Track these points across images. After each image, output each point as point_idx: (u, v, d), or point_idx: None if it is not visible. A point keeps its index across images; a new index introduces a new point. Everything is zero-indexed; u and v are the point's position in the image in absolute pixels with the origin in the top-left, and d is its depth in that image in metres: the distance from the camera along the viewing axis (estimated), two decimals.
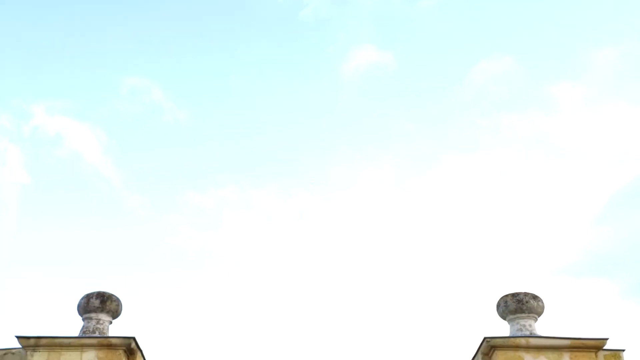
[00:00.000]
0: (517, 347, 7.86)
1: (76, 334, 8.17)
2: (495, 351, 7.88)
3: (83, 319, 8.49)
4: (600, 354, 8.08)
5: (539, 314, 8.47)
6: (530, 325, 8.33)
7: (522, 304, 8.38)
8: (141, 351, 8.17)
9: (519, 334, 8.15)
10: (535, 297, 8.45)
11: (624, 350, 8.18)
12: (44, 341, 7.82)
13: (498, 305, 8.59)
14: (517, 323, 8.36)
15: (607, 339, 7.87)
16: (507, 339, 7.92)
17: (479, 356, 8.17)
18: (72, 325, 8.48)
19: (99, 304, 8.43)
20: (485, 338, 7.97)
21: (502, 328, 8.53)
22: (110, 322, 8.56)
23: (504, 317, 8.57)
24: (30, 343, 7.83)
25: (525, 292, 8.46)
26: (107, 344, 7.88)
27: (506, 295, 8.52)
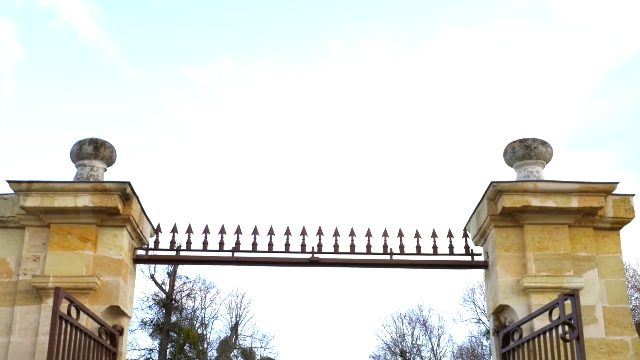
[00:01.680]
0: (525, 192, 7.62)
1: (70, 180, 7.93)
2: (502, 196, 7.66)
3: (77, 166, 8.25)
4: (610, 198, 7.88)
5: (547, 161, 8.21)
6: (537, 172, 8.09)
7: (530, 149, 8.10)
8: (137, 197, 7.95)
9: (527, 179, 7.91)
10: (543, 143, 8.16)
11: (633, 195, 7.99)
12: (36, 185, 7.58)
13: (505, 152, 8.32)
14: (525, 169, 8.12)
15: (617, 182, 7.63)
16: (514, 183, 7.67)
17: (485, 201, 7.95)
18: (66, 173, 8.24)
19: (92, 151, 8.17)
20: (491, 182, 7.72)
21: (509, 176, 8.28)
22: (105, 170, 8.33)
23: (510, 164, 8.32)
24: (22, 188, 7.59)
25: (533, 138, 8.17)
26: (101, 188, 7.63)
27: (514, 142, 8.23)
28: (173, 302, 37.28)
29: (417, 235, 8.43)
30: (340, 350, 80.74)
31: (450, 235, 8.45)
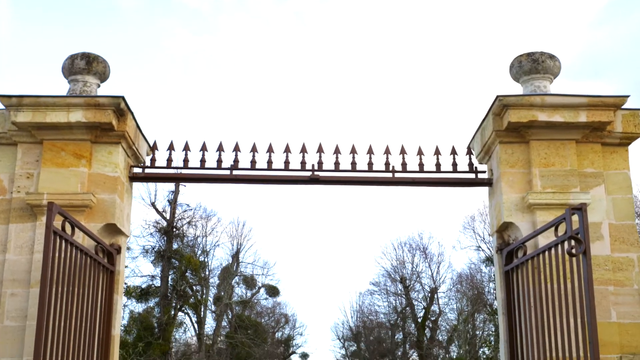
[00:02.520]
0: (532, 106, 7.38)
1: (62, 94, 7.67)
2: (508, 110, 7.42)
3: (69, 82, 7.99)
4: (619, 113, 7.64)
5: (555, 75, 7.94)
6: (545, 87, 7.83)
7: (538, 63, 7.83)
8: (132, 112, 7.71)
9: (534, 93, 7.66)
10: (551, 57, 7.89)
11: None
12: (27, 100, 7.33)
13: (512, 66, 8.05)
14: (531, 84, 7.86)
15: (627, 96, 7.37)
16: (521, 97, 7.42)
17: (490, 117, 7.72)
18: (60, 91, 7.97)
19: (85, 65, 7.89)
20: (497, 97, 7.47)
21: (515, 92, 8.02)
22: (98, 86, 8.07)
23: (517, 79, 8.05)
24: (13, 102, 7.35)
25: (541, 52, 7.88)
26: (94, 103, 7.39)
27: (520, 56, 7.95)
28: (174, 229, 37.42)
29: (420, 153, 8.22)
30: (341, 277, 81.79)
31: (453, 152, 8.24)
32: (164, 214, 38.94)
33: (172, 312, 35.95)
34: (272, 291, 56.72)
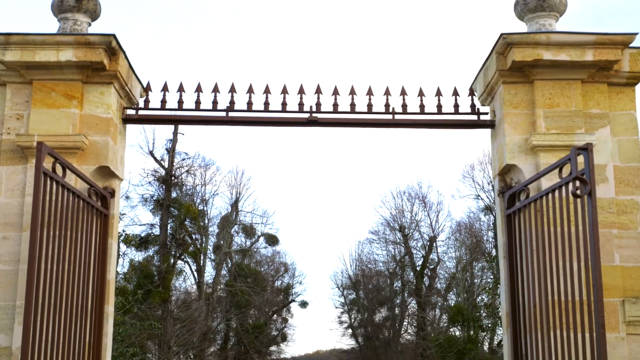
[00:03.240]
0: (537, 44, 7.14)
1: (51, 32, 7.42)
2: (512, 49, 7.18)
3: (59, 20, 7.73)
4: (627, 51, 7.40)
5: (561, 13, 7.68)
6: (550, 25, 7.57)
7: (544, 0, 7.55)
8: (124, 52, 7.47)
9: (539, 31, 7.41)
10: None
11: None
12: (15, 38, 7.09)
13: (516, 4, 7.79)
14: (536, 22, 7.60)
15: (636, 33, 7.13)
16: (525, 35, 7.18)
17: (494, 56, 7.48)
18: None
19: (75, 3, 7.62)
20: (501, 35, 7.23)
21: (520, 30, 7.75)
22: (89, 24, 7.81)
23: (521, 17, 7.79)
24: (0, 40, 7.10)
25: None
26: (85, 42, 7.15)
27: None
28: (173, 178, 37.28)
29: (421, 94, 7.99)
30: (340, 226, 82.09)
31: (455, 93, 8.01)
32: (162, 163, 38.77)
33: (172, 261, 36.05)
34: (272, 240, 56.89)
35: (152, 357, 38.96)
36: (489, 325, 38.02)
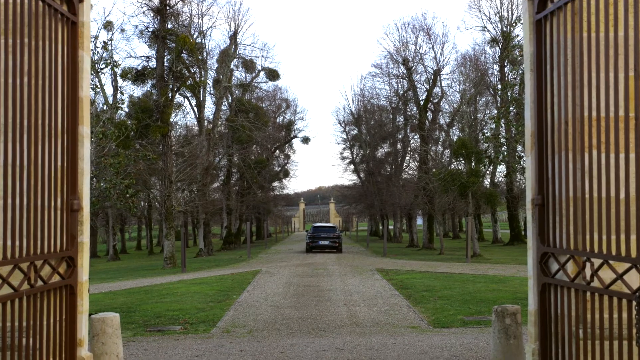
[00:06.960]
0: None
1: None
2: None
3: None
4: None
5: None
6: None
7: None
8: None
9: None
10: None
11: None
12: None
13: None
14: None
15: None
16: None
17: None
18: None
19: None
20: None
21: None
22: None
23: None
24: None
25: None
26: None
27: None
28: (167, 7, 35.55)
29: None
30: (342, 60, 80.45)
31: None
32: None
33: (170, 95, 35.09)
34: (272, 75, 55.71)
35: (156, 192, 39.00)
36: (492, 157, 37.63)
